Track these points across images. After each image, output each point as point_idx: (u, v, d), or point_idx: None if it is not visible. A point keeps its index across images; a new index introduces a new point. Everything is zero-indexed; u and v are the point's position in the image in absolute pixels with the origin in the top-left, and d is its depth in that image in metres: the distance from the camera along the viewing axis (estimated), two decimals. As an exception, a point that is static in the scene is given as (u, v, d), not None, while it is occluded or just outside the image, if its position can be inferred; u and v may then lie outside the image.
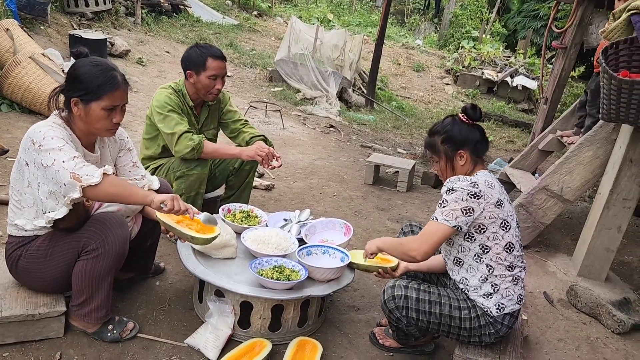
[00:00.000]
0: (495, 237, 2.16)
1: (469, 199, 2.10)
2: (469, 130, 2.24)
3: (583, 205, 5.27)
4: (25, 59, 4.75)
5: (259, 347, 2.29)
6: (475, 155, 2.25)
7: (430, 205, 4.71)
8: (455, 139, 2.23)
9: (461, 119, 2.26)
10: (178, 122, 2.92)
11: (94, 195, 1.99)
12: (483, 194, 2.11)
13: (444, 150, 2.26)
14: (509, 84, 11.58)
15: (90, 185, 1.93)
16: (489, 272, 2.19)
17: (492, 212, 2.13)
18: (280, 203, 4.21)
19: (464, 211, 2.10)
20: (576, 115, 4.60)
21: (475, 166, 2.26)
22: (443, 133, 2.26)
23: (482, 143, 2.26)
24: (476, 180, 2.14)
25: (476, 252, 2.19)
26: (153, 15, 9.96)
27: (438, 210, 2.16)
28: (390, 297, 2.23)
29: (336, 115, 7.92)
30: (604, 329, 3.02)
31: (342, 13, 17.27)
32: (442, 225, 2.13)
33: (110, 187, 1.99)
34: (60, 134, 2.02)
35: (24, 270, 2.17)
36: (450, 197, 2.13)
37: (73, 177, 1.92)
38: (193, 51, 3.01)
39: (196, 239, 2.22)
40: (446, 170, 2.29)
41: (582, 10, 4.73)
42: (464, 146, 2.23)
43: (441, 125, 2.29)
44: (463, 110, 2.27)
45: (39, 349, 2.16)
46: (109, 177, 1.99)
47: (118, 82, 2.11)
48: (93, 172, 1.94)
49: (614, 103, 2.80)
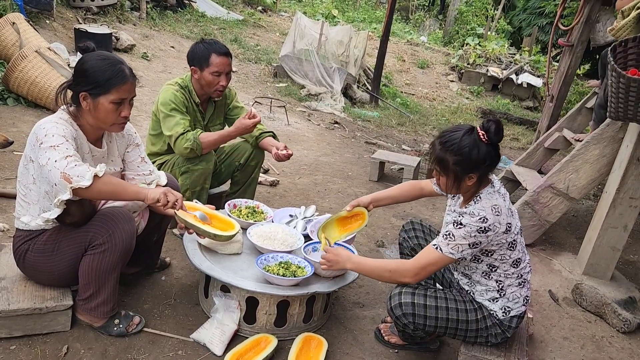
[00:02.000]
0: (502, 258, 2.14)
1: (477, 234, 2.03)
2: (486, 152, 2.03)
3: (589, 203, 5.25)
4: (31, 53, 4.76)
5: (265, 343, 2.30)
6: (485, 174, 2.11)
7: (435, 203, 4.70)
8: (469, 163, 2.04)
9: (480, 138, 2.03)
10: (177, 122, 2.91)
11: (85, 195, 1.96)
12: (492, 227, 2.04)
13: (454, 171, 2.07)
14: (514, 82, 11.54)
15: (81, 187, 1.90)
16: (498, 286, 2.19)
17: (500, 239, 2.08)
18: (285, 199, 4.21)
19: (471, 245, 2.05)
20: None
21: (481, 184, 2.13)
22: (458, 154, 2.03)
23: (495, 163, 2.09)
24: (484, 214, 2.03)
25: (484, 271, 2.19)
26: (158, 10, 9.95)
27: (442, 240, 2.08)
28: (397, 304, 2.21)
29: (341, 112, 7.91)
30: (609, 328, 3.01)
31: (347, 9, 17.23)
32: (445, 256, 2.07)
33: (102, 186, 1.95)
34: (62, 131, 2.00)
35: (31, 264, 2.18)
36: (458, 232, 2.05)
37: (63, 177, 1.88)
38: (197, 47, 3.00)
39: (219, 236, 2.26)
40: (451, 188, 2.13)
41: (589, 7, 4.71)
42: (476, 169, 2.06)
43: (458, 144, 2.03)
44: (484, 129, 2.03)
45: (45, 342, 2.16)
46: (100, 178, 1.94)
47: (126, 75, 2.11)
48: (84, 174, 1.90)
49: (622, 101, 2.79)
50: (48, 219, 2.08)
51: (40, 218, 2.10)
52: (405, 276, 2.13)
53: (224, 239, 2.29)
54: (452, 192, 2.18)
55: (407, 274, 2.13)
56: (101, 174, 1.94)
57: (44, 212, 2.08)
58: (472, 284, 2.24)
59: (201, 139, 2.91)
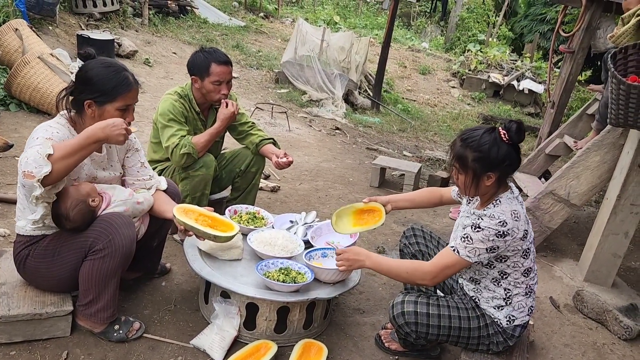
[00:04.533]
0: (515, 265, 2.13)
1: (495, 238, 2.02)
2: (506, 152, 2.03)
3: (590, 210, 5.25)
4: (34, 58, 4.78)
5: (265, 349, 2.29)
6: (504, 176, 2.10)
7: (436, 209, 4.70)
8: (489, 161, 2.03)
9: (501, 137, 2.04)
10: (173, 134, 2.92)
11: (56, 178, 1.90)
12: (510, 232, 2.03)
13: (472, 168, 2.06)
14: (515, 88, 11.54)
15: (46, 175, 1.85)
16: (506, 294, 2.18)
17: (517, 245, 2.08)
18: (286, 205, 4.21)
19: (488, 249, 2.04)
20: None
21: (500, 187, 2.12)
22: (478, 151, 2.04)
23: (515, 166, 2.08)
24: (504, 218, 2.03)
25: (494, 277, 2.17)
26: (160, 16, 9.99)
27: (460, 243, 2.06)
28: (400, 313, 2.21)
29: (342, 118, 7.92)
30: (610, 335, 3.00)
31: (349, 15, 17.27)
32: (463, 259, 2.06)
33: (62, 160, 1.88)
34: (49, 134, 2.00)
35: (32, 269, 2.18)
36: (476, 235, 2.03)
37: (25, 175, 1.85)
38: (197, 56, 3.00)
39: (219, 237, 2.23)
40: (470, 187, 2.11)
41: (590, 14, 4.71)
42: (496, 169, 2.05)
43: (478, 140, 2.04)
44: (506, 129, 2.04)
45: (45, 347, 2.16)
46: (53, 155, 1.86)
47: (131, 82, 2.13)
48: (39, 161, 1.83)
49: (622, 108, 2.79)
50: (35, 220, 2.07)
51: (24, 220, 2.10)
52: (423, 279, 2.11)
53: (223, 239, 2.26)
54: (470, 193, 2.14)
55: (425, 276, 2.10)
56: (51, 150, 1.86)
57: (30, 215, 2.08)
58: (479, 290, 2.23)
59: (194, 141, 2.93)
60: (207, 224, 2.28)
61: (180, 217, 2.19)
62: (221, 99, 3.04)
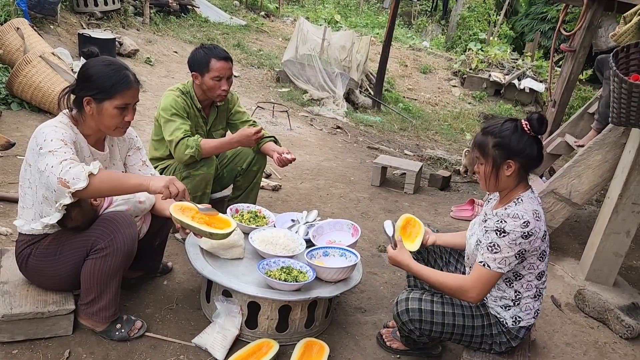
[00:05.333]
0: (530, 267, 2.12)
1: (522, 241, 2.00)
2: (527, 142, 2.04)
3: (591, 209, 5.24)
4: (35, 57, 4.79)
5: (266, 348, 2.30)
6: (524, 170, 2.10)
7: (437, 208, 4.70)
8: (509, 147, 2.04)
9: (523, 128, 2.05)
10: (177, 127, 2.92)
11: (86, 195, 1.94)
12: (534, 232, 2.01)
13: (492, 155, 2.07)
14: (516, 87, 11.53)
15: (78, 190, 1.88)
16: (516, 296, 2.17)
17: (537, 246, 2.07)
18: (287, 204, 4.21)
19: (517, 256, 2.02)
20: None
21: (520, 182, 2.12)
22: (498, 137, 2.06)
23: (536, 160, 2.08)
24: (527, 218, 2.00)
25: (508, 277, 2.15)
26: (161, 15, 9.99)
27: (489, 255, 2.03)
28: (404, 310, 2.20)
29: (343, 117, 7.92)
30: (612, 334, 3.00)
31: (350, 14, 17.26)
32: (495, 272, 2.04)
33: (100, 184, 1.92)
34: (61, 135, 2.01)
35: (34, 268, 2.19)
36: (503, 242, 2.00)
37: (61, 183, 1.87)
38: (197, 52, 3.01)
39: (215, 234, 2.19)
40: (489, 177, 2.11)
41: (592, 13, 4.70)
42: (516, 157, 2.05)
43: (499, 128, 2.07)
44: (528, 119, 2.05)
45: (47, 346, 2.17)
46: (96, 176, 1.91)
47: (130, 81, 2.12)
48: (79, 175, 1.87)
49: (624, 107, 2.79)
50: (47, 224, 2.08)
51: (39, 223, 2.10)
52: (469, 297, 2.08)
53: (220, 237, 2.22)
54: (490, 186, 2.14)
55: (471, 294, 2.07)
56: (96, 171, 1.90)
57: (43, 217, 2.08)
58: None
59: (202, 144, 2.92)
60: (203, 221, 2.25)
61: (176, 215, 2.17)
62: (221, 95, 3.04)
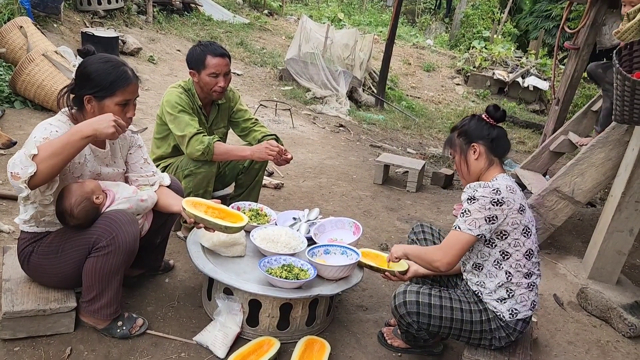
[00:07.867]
0: (516, 244, 2.14)
1: (492, 207, 2.07)
2: (487, 126, 2.24)
3: (594, 207, 5.22)
4: (39, 56, 4.80)
5: (267, 346, 2.30)
6: (492, 152, 2.23)
7: (439, 206, 4.69)
8: (469, 133, 2.24)
9: (481, 117, 2.26)
10: (188, 123, 2.91)
11: (43, 179, 1.89)
12: (506, 200, 2.08)
13: (459, 144, 2.27)
14: (520, 85, 11.51)
15: (31, 176, 1.84)
16: (507, 279, 2.17)
17: (515, 219, 2.11)
18: (290, 202, 4.21)
19: (487, 219, 2.08)
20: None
21: (491, 165, 2.23)
22: (460, 128, 2.29)
23: (499, 141, 2.24)
24: (497, 186, 2.10)
25: (496, 258, 2.17)
26: (164, 13, 10.00)
27: (460, 219, 2.13)
28: (402, 302, 2.21)
29: (346, 115, 7.91)
30: (614, 333, 2.99)
31: (353, 12, 17.24)
32: (465, 234, 2.10)
33: (48, 161, 1.86)
34: (48, 134, 2.00)
35: (36, 266, 2.19)
36: (473, 206, 2.09)
37: (12, 177, 1.86)
38: (194, 50, 3.01)
39: (230, 228, 2.22)
40: (461, 164, 2.28)
41: (596, 10, 4.68)
42: (478, 140, 2.22)
43: (461, 122, 2.31)
44: (486, 110, 2.27)
45: (49, 344, 2.17)
46: (38, 155, 1.84)
47: (130, 76, 2.13)
48: (24, 161, 1.83)
49: (627, 104, 2.77)
50: (26, 220, 2.11)
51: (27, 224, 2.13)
52: (435, 260, 2.15)
53: (234, 230, 2.25)
54: (465, 175, 2.29)
55: (436, 256, 2.15)
56: (35, 150, 1.85)
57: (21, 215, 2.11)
58: (481, 282, 2.22)
59: (215, 146, 2.91)
60: (216, 215, 2.27)
61: (189, 209, 2.19)
62: (217, 91, 3.03)
